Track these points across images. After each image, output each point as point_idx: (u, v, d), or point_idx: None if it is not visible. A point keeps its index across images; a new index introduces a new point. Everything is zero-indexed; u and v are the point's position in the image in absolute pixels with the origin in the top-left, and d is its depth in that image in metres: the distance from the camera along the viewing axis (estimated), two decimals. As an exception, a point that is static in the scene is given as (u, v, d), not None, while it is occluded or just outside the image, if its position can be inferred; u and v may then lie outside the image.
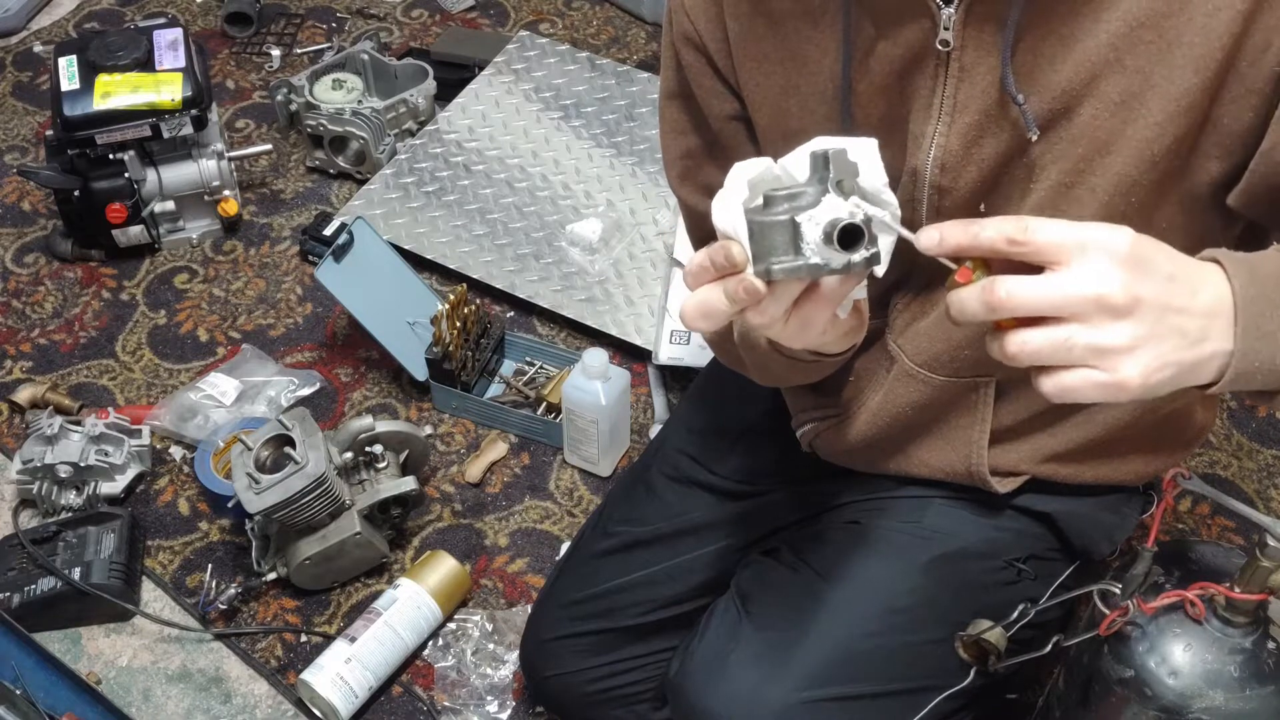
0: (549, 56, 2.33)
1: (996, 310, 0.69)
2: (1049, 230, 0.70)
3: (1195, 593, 0.99)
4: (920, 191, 0.98)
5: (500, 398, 1.85)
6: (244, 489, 1.49)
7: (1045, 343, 0.69)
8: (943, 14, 0.88)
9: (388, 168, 2.14)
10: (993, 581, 1.15)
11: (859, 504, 1.21)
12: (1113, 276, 0.69)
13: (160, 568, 1.64)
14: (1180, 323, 0.72)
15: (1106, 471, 1.14)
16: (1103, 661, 1.05)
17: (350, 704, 1.47)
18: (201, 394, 1.81)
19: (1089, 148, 0.91)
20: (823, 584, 1.15)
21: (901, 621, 1.13)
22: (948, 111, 0.93)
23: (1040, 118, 0.91)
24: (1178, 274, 0.72)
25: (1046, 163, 0.93)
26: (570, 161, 2.14)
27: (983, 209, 0.97)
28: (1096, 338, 0.69)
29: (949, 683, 1.12)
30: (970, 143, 0.94)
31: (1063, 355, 0.69)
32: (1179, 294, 0.72)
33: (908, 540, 1.16)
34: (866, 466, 1.20)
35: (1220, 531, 1.67)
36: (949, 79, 0.92)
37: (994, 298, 0.69)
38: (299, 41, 2.49)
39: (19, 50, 2.49)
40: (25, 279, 2.04)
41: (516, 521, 1.70)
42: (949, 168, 0.96)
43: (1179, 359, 0.72)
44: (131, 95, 1.91)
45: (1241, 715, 0.99)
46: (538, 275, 1.97)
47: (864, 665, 1.11)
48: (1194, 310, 0.72)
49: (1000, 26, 0.87)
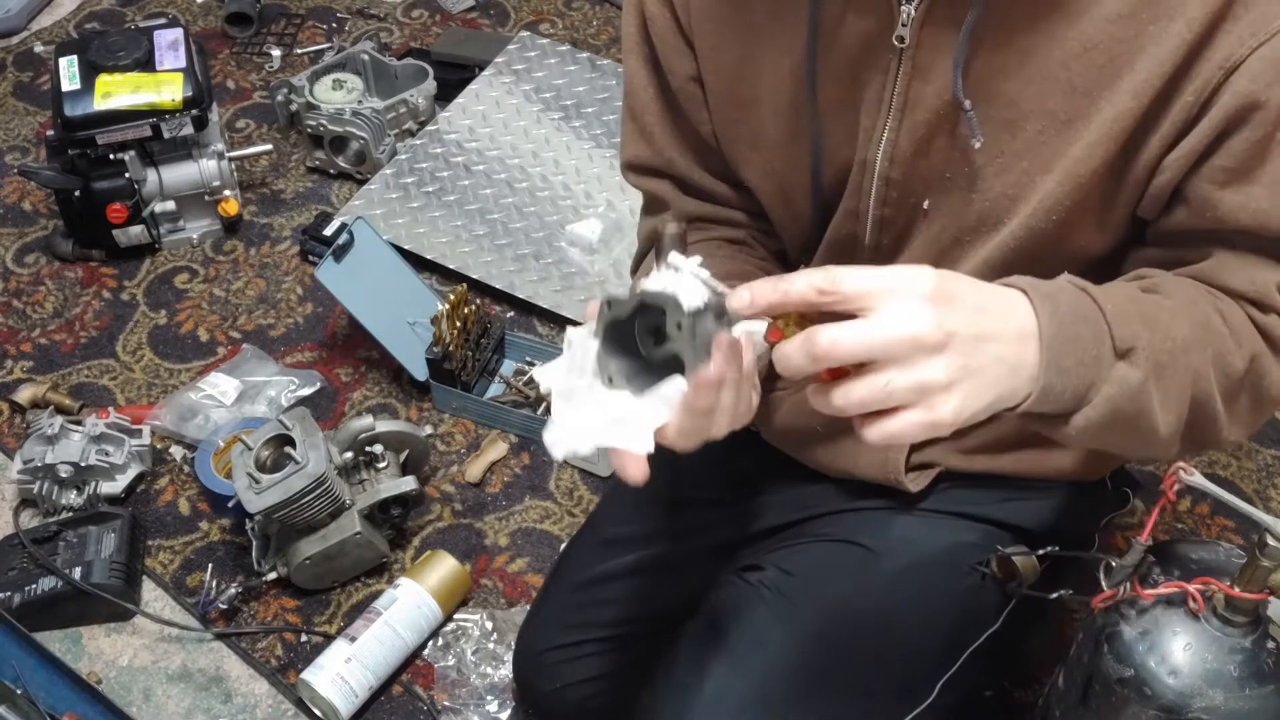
0: (549, 57, 2.33)
1: (820, 360, 0.70)
2: (855, 279, 0.71)
3: (1196, 587, 0.99)
4: (869, 182, 0.99)
5: (500, 398, 1.85)
6: (244, 489, 1.49)
7: (867, 391, 0.70)
8: (902, 11, 0.89)
9: (388, 168, 2.14)
10: (958, 588, 1.15)
11: (829, 516, 1.21)
12: (922, 315, 0.70)
13: (160, 567, 1.65)
14: (998, 351, 0.73)
15: (1031, 464, 1.14)
16: (1103, 661, 1.05)
17: (350, 704, 1.47)
18: (202, 394, 1.81)
19: (1033, 163, 0.92)
20: (786, 604, 1.15)
21: (871, 636, 1.12)
22: (898, 108, 0.94)
23: (988, 127, 0.91)
24: (986, 304, 0.74)
25: (989, 174, 0.94)
26: (570, 162, 2.14)
27: (926, 206, 0.98)
28: (915, 377, 0.70)
29: (919, 694, 1.11)
30: (920, 140, 0.95)
31: (884, 399, 0.70)
32: (990, 323, 0.73)
33: (869, 555, 1.16)
34: (795, 452, 1.20)
35: (1220, 531, 1.67)
36: (901, 76, 0.92)
37: (816, 348, 0.70)
38: (299, 41, 2.49)
39: (19, 50, 2.50)
40: (26, 279, 2.04)
41: (516, 521, 1.70)
42: (898, 162, 0.97)
43: (998, 389, 0.74)
44: (132, 95, 1.91)
45: (1241, 715, 0.99)
46: (538, 275, 1.98)
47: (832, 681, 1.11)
48: (1006, 337, 0.74)
49: (956, 30, 0.88)
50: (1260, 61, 0.83)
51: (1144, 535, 1.03)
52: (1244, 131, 0.86)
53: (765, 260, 1.13)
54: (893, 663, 1.12)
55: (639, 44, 1.07)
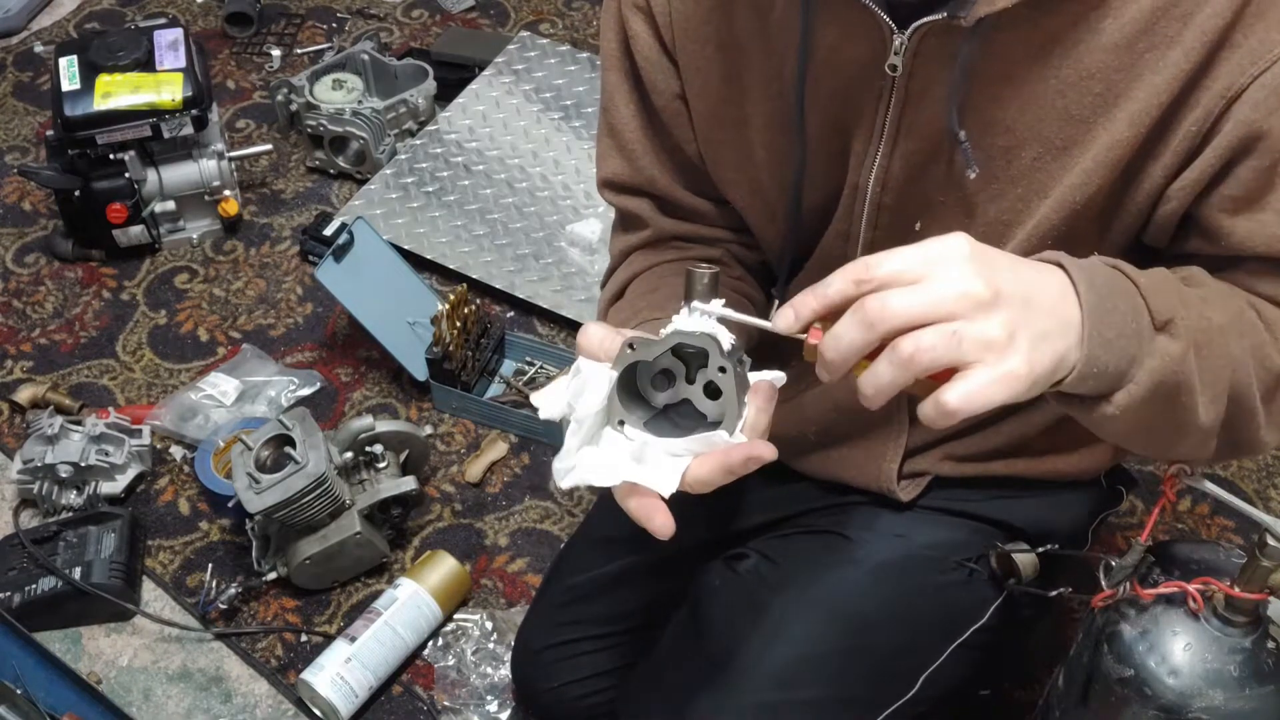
0: (549, 57, 2.33)
1: (874, 325, 0.69)
2: (890, 259, 0.70)
3: (1196, 587, 0.99)
4: (860, 207, 0.98)
5: (500, 398, 1.85)
6: (244, 489, 1.49)
7: (936, 336, 0.68)
8: (895, 40, 0.88)
9: (388, 168, 2.14)
10: (943, 582, 1.15)
11: (818, 511, 1.21)
12: (967, 271, 0.69)
13: (160, 567, 1.64)
14: (1046, 310, 0.72)
15: (1024, 468, 1.14)
16: (1103, 661, 1.05)
17: (350, 704, 1.47)
18: (202, 394, 1.81)
19: (1028, 189, 0.91)
20: (769, 594, 1.15)
21: (853, 628, 1.12)
22: (890, 135, 0.93)
23: (982, 154, 0.91)
24: (1023, 269, 0.73)
25: (983, 200, 0.93)
26: (570, 162, 2.14)
27: (918, 228, 0.97)
28: (979, 330, 0.69)
29: (902, 687, 1.11)
30: (913, 168, 0.94)
31: (953, 346, 0.68)
32: (1032, 286, 0.72)
33: (855, 547, 1.16)
34: (786, 459, 1.19)
35: (1220, 531, 1.67)
36: (894, 103, 0.91)
37: (869, 313, 0.69)
38: (299, 41, 2.49)
39: (20, 50, 2.50)
40: (26, 279, 2.04)
41: (516, 521, 1.70)
42: (890, 188, 0.96)
43: (1055, 347, 0.72)
44: (132, 95, 1.91)
45: (1241, 715, 0.99)
46: (538, 275, 1.98)
47: (815, 672, 1.10)
48: (1049, 299, 0.73)
49: (951, 61, 0.87)
50: (1262, 90, 0.83)
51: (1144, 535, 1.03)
52: (1250, 160, 0.85)
53: (741, 280, 1.12)
54: (873, 654, 1.12)
55: (619, 59, 1.05)
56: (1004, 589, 1.13)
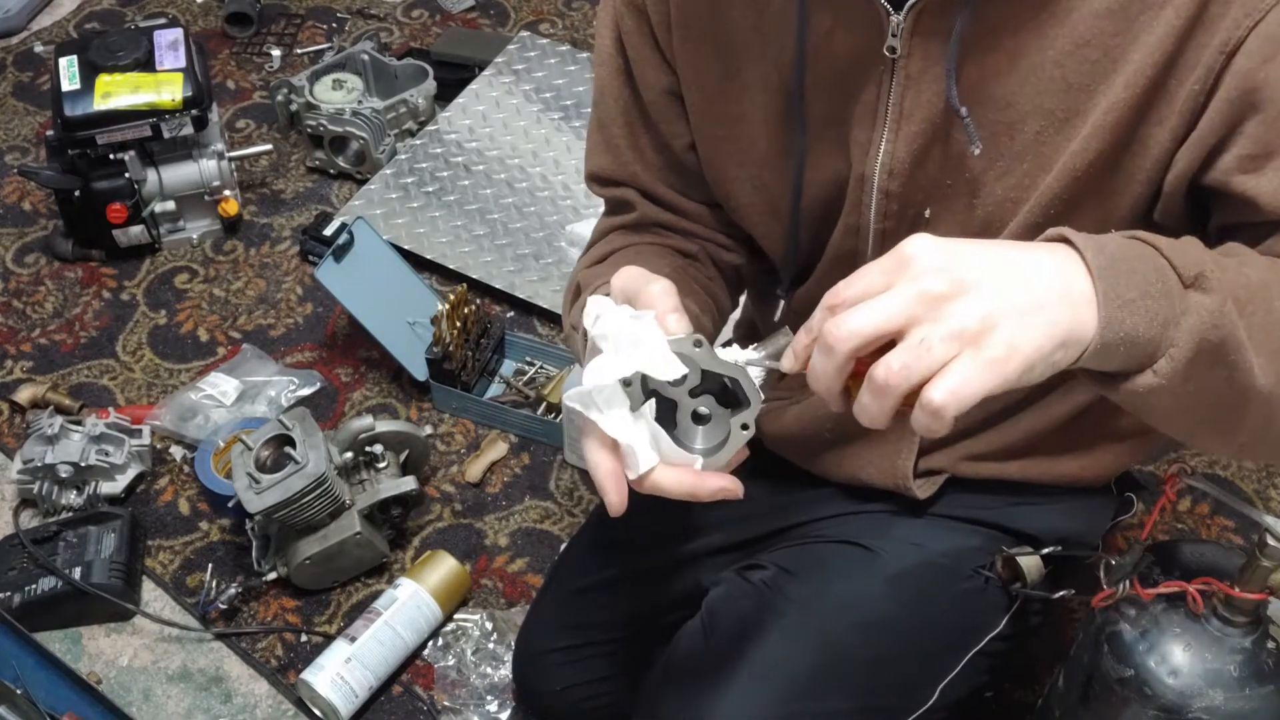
0: (549, 57, 2.33)
1: (834, 348, 0.68)
2: (857, 280, 0.69)
3: (1197, 586, 0.99)
4: (868, 196, 0.97)
5: (500, 398, 1.85)
6: (244, 489, 1.50)
7: (906, 352, 0.66)
8: (891, 21, 0.88)
9: (388, 168, 2.15)
10: (960, 590, 1.14)
11: (831, 519, 1.21)
12: (923, 271, 0.68)
13: (160, 567, 1.65)
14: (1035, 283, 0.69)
15: (1039, 470, 1.14)
16: (1103, 661, 1.05)
17: (350, 704, 1.47)
18: (202, 394, 1.81)
19: (1034, 164, 0.91)
20: (786, 602, 1.14)
21: (873, 637, 1.12)
22: (894, 119, 0.93)
23: (985, 131, 0.90)
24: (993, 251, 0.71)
25: (990, 178, 0.93)
26: (571, 162, 2.14)
27: (928, 215, 0.97)
28: (945, 325, 0.66)
29: (920, 696, 1.11)
30: (918, 151, 0.94)
31: (923, 355, 0.66)
32: (1015, 265, 0.69)
33: (872, 556, 1.15)
34: (800, 460, 1.20)
35: (1220, 531, 1.67)
36: (895, 86, 0.91)
37: (827, 337, 0.68)
38: (299, 41, 2.49)
39: (20, 50, 2.50)
40: (26, 279, 2.04)
41: (516, 521, 1.70)
42: (896, 174, 0.95)
43: (1050, 320, 0.68)
44: (132, 95, 1.91)
45: (1241, 715, 0.99)
46: (538, 275, 1.98)
47: (836, 682, 1.10)
48: (1042, 273, 0.70)
49: (947, 37, 0.87)
50: (1258, 39, 0.81)
51: (1144, 535, 1.03)
52: (1257, 115, 0.83)
53: (712, 280, 1.11)
54: (893, 664, 1.12)
55: (613, 56, 1.05)
56: (1009, 593, 1.13)
